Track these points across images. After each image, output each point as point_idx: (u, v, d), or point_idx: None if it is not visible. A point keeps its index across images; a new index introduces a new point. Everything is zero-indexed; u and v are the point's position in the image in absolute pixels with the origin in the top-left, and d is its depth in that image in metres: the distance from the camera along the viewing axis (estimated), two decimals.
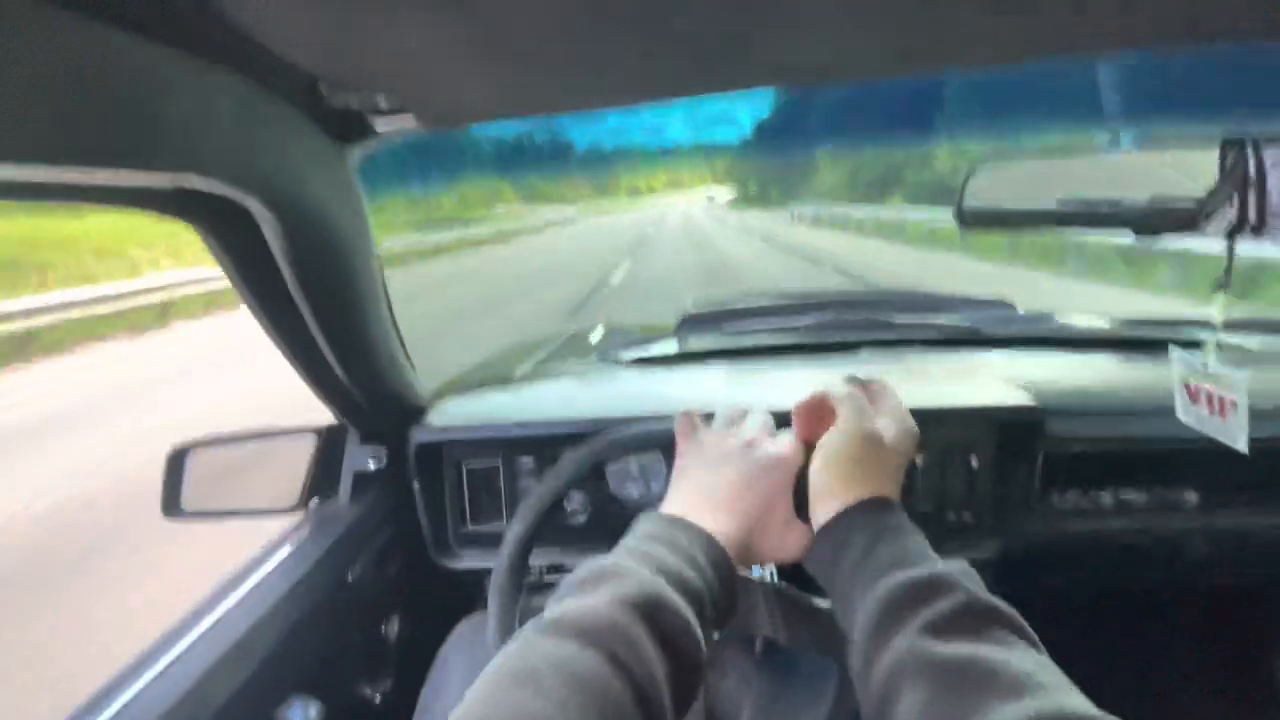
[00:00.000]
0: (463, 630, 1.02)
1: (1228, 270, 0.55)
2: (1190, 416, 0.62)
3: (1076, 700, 0.33)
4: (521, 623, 0.46)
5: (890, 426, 0.53)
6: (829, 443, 0.51)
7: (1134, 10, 0.50)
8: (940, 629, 0.38)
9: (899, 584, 0.41)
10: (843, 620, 0.46)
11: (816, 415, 0.55)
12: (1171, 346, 0.61)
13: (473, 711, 0.31)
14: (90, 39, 0.37)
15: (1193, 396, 0.60)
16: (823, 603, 0.61)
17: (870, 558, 0.44)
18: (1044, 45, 0.57)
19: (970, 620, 0.38)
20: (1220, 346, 0.60)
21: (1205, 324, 1.18)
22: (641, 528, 0.47)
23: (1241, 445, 0.58)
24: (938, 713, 0.35)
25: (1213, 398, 0.58)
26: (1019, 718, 0.31)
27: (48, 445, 4.50)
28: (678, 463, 0.57)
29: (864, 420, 0.52)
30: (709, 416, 0.61)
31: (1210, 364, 0.58)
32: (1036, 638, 0.39)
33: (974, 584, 0.41)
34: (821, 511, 0.49)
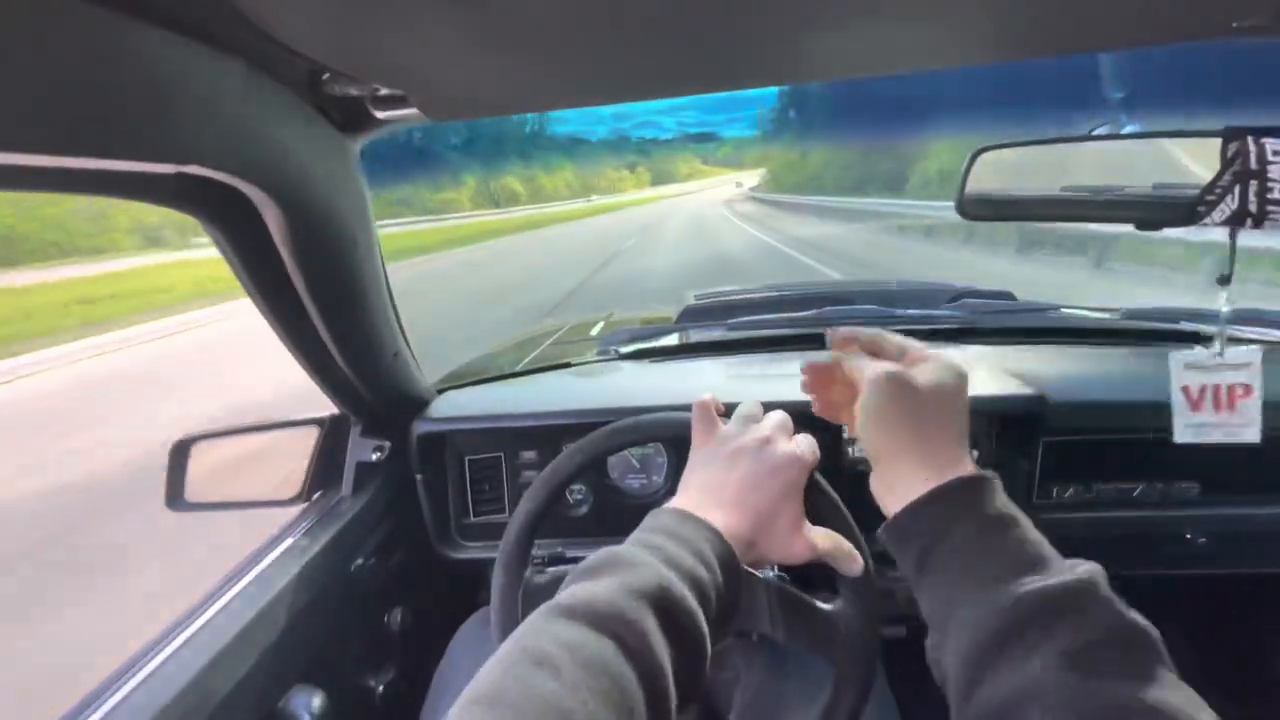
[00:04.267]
0: (472, 624, 1.02)
1: (1230, 261, 0.55)
2: (1190, 431, 0.60)
3: None
4: (523, 611, 0.46)
5: (926, 370, 0.48)
6: (865, 402, 0.48)
7: (1134, 9, 0.50)
8: (1084, 659, 0.33)
9: (1027, 595, 0.36)
10: (932, 617, 0.42)
11: (825, 374, 0.56)
12: (1171, 354, 0.59)
13: (485, 689, 0.31)
14: (93, 27, 0.36)
15: (1194, 401, 0.59)
16: (824, 604, 0.61)
17: (981, 555, 0.40)
18: (1044, 44, 0.57)
19: (1119, 650, 0.34)
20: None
21: (1205, 316, 1.18)
22: (651, 521, 0.47)
23: (1253, 437, 0.57)
24: None
25: (1219, 392, 0.57)
26: None
27: None
28: (692, 455, 0.57)
29: (886, 366, 0.48)
30: (728, 406, 0.60)
31: (1224, 352, 0.57)
32: (1169, 659, 0.35)
33: (1112, 595, 0.37)
34: (892, 481, 0.46)
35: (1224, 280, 0.57)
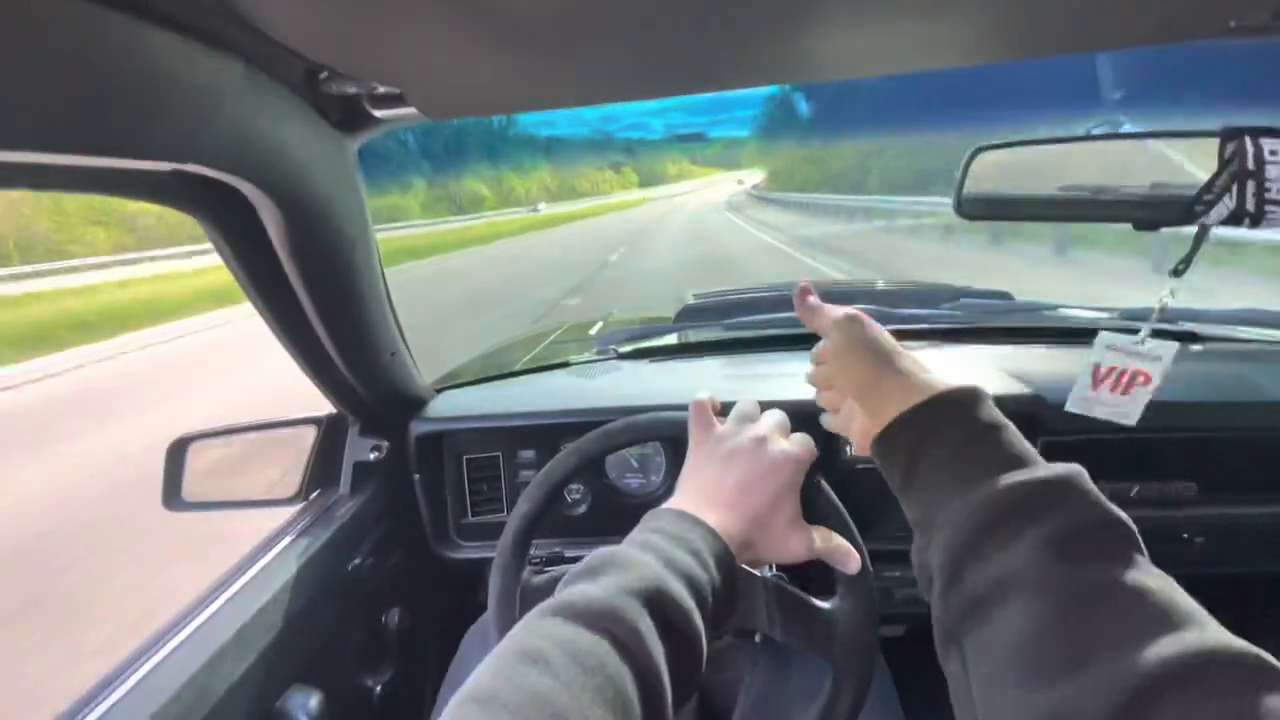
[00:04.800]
0: (482, 625, 1.02)
1: (1188, 259, 0.56)
2: (1080, 403, 0.63)
3: (1239, 642, 0.29)
4: (521, 611, 0.46)
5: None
6: (835, 345, 0.53)
7: (1133, 9, 0.50)
8: (1066, 545, 0.34)
9: (1012, 485, 0.37)
10: (920, 521, 0.43)
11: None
12: (1100, 332, 0.62)
13: (482, 688, 0.31)
14: (91, 26, 0.36)
15: (1097, 380, 0.62)
16: (822, 603, 0.61)
17: (969, 457, 0.41)
18: (1043, 44, 0.57)
19: (1102, 536, 0.34)
20: (1165, 333, 0.62)
21: (1204, 315, 1.18)
22: (648, 521, 0.47)
23: (1130, 422, 0.61)
24: (1062, 636, 0.31)
25: (1123, 376, 0.61)
26: (1179, 652, 0.28)
27: None
28: (689, 455, 0.57)
29: (843, 309, 0.54)
30: (725, 405, 0.60)
31: (1146, 341, 0.60)
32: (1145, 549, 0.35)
33: (1093, 488, 0.37)
34: (881, 406, 0.47)
35: (1176, 273, 0.58)
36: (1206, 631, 0.29)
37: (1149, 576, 0.33)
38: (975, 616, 0.36)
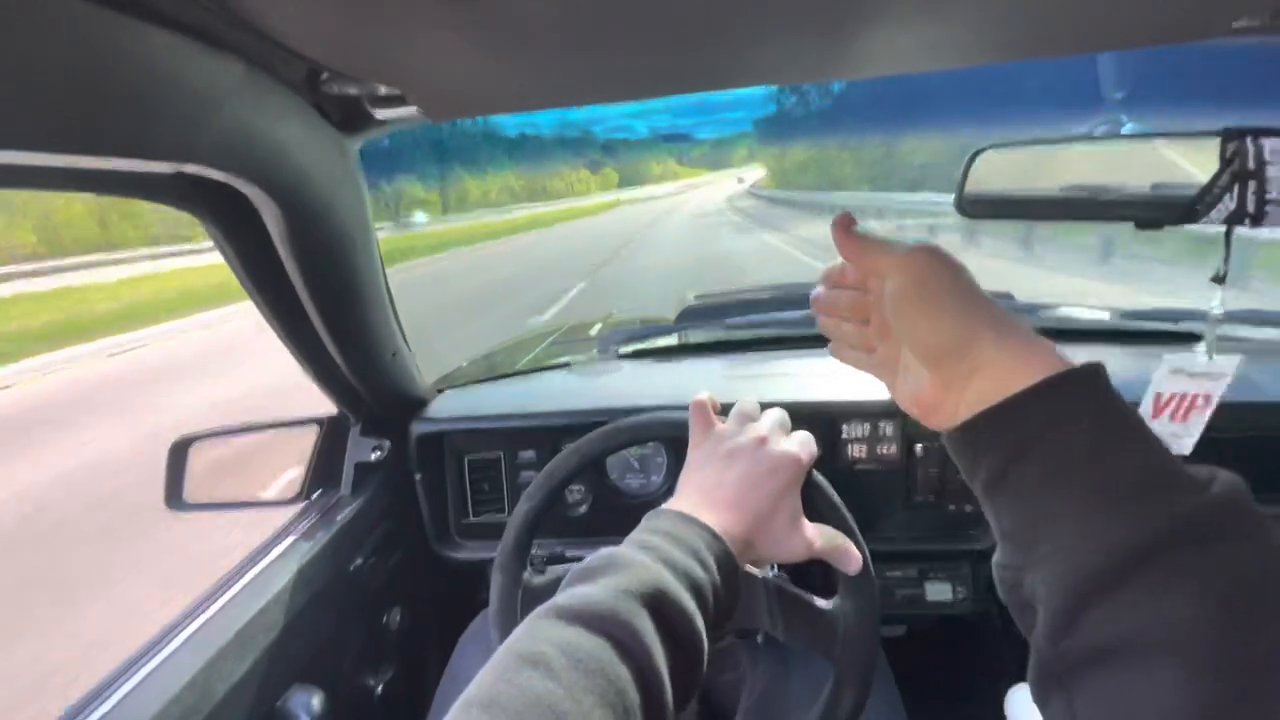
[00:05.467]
0: (479, 624, 1.02)
1: (1225, 260, 0.55)
2: None
3: None
4: (523, 612, 0.47)
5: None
6: (905, 284, 0.39)
7: (1134, 10, 0.50)
8: (1239, 597, 0.27)
9: (1162, 515, 0.29)
10: (1014, 534, 0.35)
11: (837, 282, 0.47)
12: (1165, 355, 0.59)
13: (481, 692, 0.31)
14: (91, 25, 0.36)
15: (1159, 408, 0.58)
16: (823, 603, 0.61)
17: (1097, 466, 0.31)
18: (1043, 45, 0.57)
19: (1274, 588, 0.27)
20: (1219, 339, 0.59)
21: (1203, 316, 1.18)
22: (649, 522, 0.47)
23: (1185, 451, 0.57)
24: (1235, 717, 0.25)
25: (1184, 402, 0.57)
26: None
27: None
28: (689, 454, 0.57)
29: (920, 244, 0.40)
30: (725, 406, 0.60)
31: (1211, 358, 0.57)
32: None
33: (1259, 512, 0.30)
34: (963, 375, 0.37)
35: (1219, 279, 0.56)
36: None
37: None
38: (1105, 669, 0.29)
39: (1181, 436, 0.58)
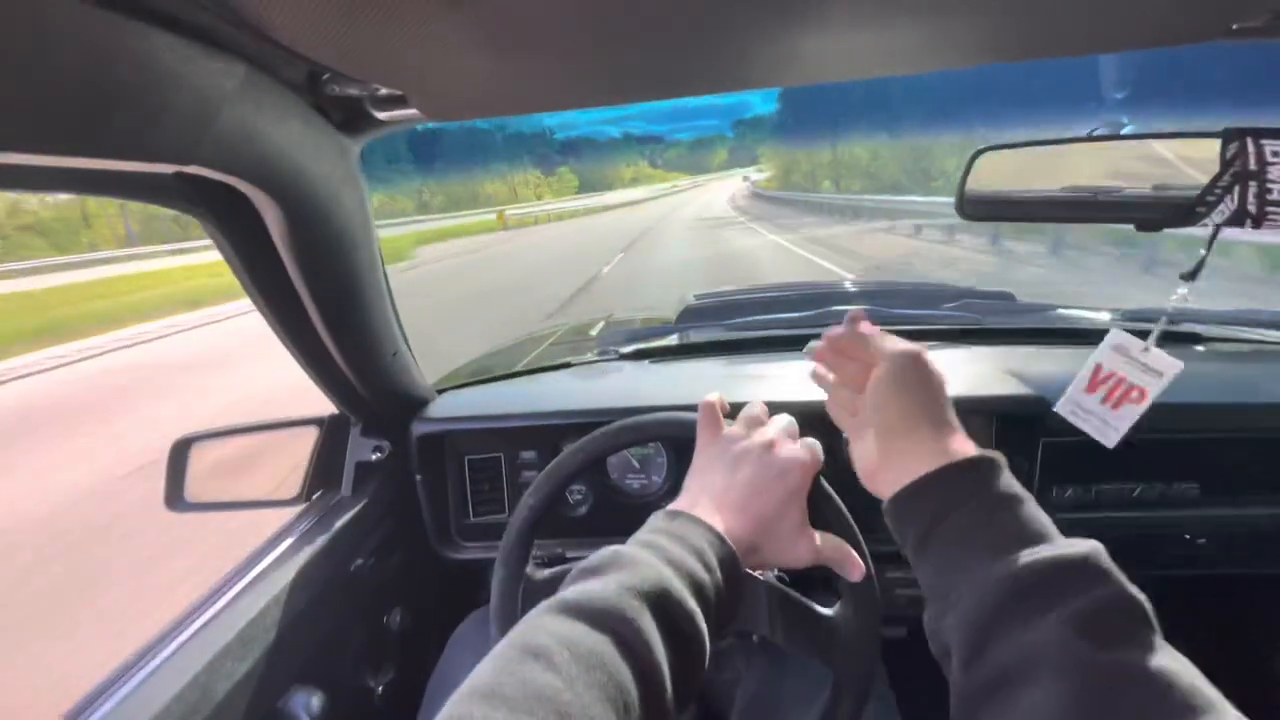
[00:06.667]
0: (470, 623, 1.02)
1: (1201, 262, 0.55)
2: (1069, 406, 0.61)
3: None
4: (523, 611, 0.47)
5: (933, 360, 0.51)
6: (885, 375, 0.50)
7: (1133, 11, 0.50)
8: (1091, 625, 0.34)
9: (1035, 562, 0.37)
10: (935, 587, 0.43)
11: (842, 349, 0.55)
12: (1113, 328, 0.60)
13: (483, 682, 0.31)
14: (92, 27, 0.36)
15: (1095, 383, 0.60)
16: (825, 609, 0.61)
17: (989, 529, 0.41)
18: (1043, 46, 0.57)
19: (1123, 618, 0.35)
20: (1167, 334, 0.59)
21: (1204, 316, 1.18)
22: (654, 522, 0.47)
23: (1109, 443, 0.59)
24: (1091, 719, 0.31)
25: (1118, 386, 0.59)
26: None
27: None
28: (696, 455, 0.57)
29: (909, 345, 0.51)
30: (733, 407, 0.60)
31: (1151, 350, 0.58)
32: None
33: (1113, 567, 0.37)
34: (897, 454, 0.47)
35: (1188, 276, 0.56)
36: (1226, 719, 0.30)
37: (1172, 660, 0.33)
38: (1000, 692, 0.35)
39: (1110, 425, 0.59)
